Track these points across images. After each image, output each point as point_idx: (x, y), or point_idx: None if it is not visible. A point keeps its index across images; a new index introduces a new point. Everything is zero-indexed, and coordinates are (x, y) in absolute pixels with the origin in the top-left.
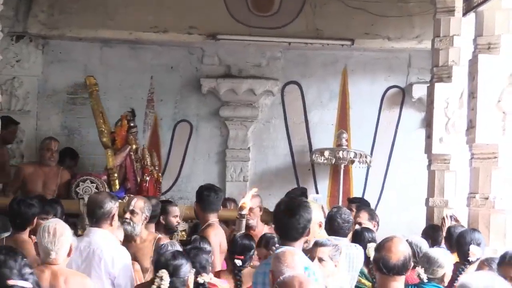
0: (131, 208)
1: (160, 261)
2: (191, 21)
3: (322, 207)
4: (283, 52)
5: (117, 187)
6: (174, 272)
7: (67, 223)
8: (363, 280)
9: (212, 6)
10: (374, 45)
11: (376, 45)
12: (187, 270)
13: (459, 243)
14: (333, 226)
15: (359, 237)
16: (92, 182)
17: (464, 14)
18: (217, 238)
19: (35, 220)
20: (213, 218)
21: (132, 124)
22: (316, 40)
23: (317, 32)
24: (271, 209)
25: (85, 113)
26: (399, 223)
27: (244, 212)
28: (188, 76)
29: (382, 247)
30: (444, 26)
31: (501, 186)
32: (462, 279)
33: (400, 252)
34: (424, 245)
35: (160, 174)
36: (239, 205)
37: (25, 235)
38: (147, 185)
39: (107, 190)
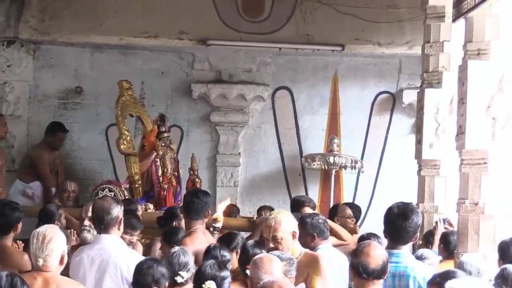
0: (90, 214)
1: (206, 272)
2: (181, 26)
3: None
4: (273, 58)
5: (141, 195)
6: (221, 284)
7: None
8: None
9: (202, 11)
10: (364, 50)
11: (367, 51)
12: (230, 281)
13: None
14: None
15: None
16: (110, 191)
17: (454, 20)
18: (193, 247)
19: (19, 226)
20: (196, 225)
21: (162, 129)
22: (307, 45)
23: (308, 38)
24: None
25: (76, 118)
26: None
27: (218, 225)
28: (178, 81)
29: (360, 252)
30: (434, 32)
31: (490, 191)
32: (448, 284)
33: (379, 256)
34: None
35: (198, 180)
36: (213, 218)
37: (7, 240)
38: (164, 193)
39: (126, 197)
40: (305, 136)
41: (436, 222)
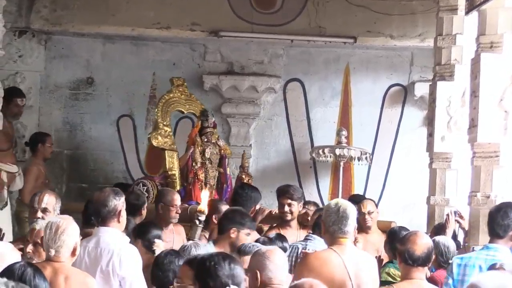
0: (43, 205)
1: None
2: (193, 17)
3: None
4: (285, 50)
5: (178, 189)
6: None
7: None
8: (392, 270)
9: (214, 2)
10: (376, 43)
11: (379, 43)
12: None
13: None
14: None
15: (396, 236)
16: (144, 185)
17: (467, 12)
18: None
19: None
20: None
21: (205, 125)
22: (319, 37)
23: (320, 30)
24: (272, 207)
25: (87, 109)
26: (400, 221)
27: (202, 218)
28: (190, 73)
29: (407, 240)
30: (446, 24)
31: (502, 185)
32: (473, 278)
33: (424, 244)
34: (451, 245)
35: (246, 177)
36: (197, 209)
37: None
38: (190, 187)
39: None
40: (317, 128)
41: (448, 215)
